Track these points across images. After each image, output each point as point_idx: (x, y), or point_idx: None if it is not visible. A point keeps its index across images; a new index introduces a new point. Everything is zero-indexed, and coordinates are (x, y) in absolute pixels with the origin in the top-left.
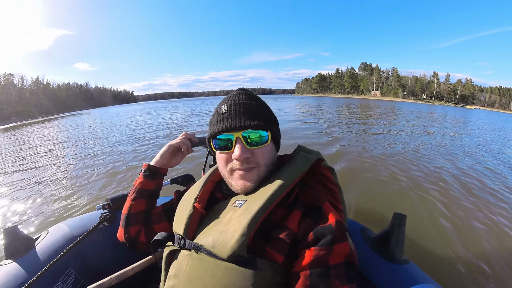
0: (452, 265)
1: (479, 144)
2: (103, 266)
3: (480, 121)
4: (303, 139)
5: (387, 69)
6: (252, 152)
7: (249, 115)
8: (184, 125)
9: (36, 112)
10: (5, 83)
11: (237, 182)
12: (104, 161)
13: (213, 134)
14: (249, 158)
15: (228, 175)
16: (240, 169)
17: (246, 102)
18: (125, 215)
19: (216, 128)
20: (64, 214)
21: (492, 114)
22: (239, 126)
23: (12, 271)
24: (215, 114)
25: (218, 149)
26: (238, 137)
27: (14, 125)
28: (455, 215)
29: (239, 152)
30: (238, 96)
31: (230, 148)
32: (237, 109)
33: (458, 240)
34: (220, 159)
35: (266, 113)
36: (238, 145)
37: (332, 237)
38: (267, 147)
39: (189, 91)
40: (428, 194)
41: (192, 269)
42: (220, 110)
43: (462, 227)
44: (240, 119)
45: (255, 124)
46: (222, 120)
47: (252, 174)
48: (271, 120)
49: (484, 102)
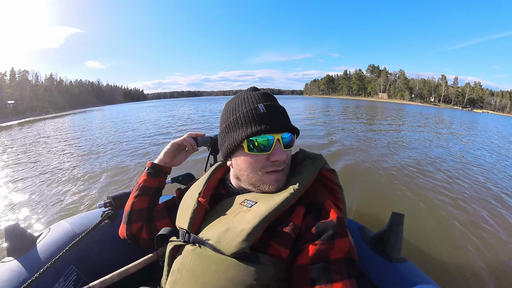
0: (449, 264)
1: (480, 144)
2: (104, 264)
3: (486, 124)
4: (307, 139)
5: (395, 71)
6: (287, 154)
7: (284, 117)
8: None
9: (50, 108)
10: (20, 79)
11: (272, 182)
12: (110, 158)
13: (251, 133)
14: (285, 160)
15: (260, 175)
16: (276, 170)
17: (277, 104)
18: (127, 212)
19: (256, 129)
20: (66, 212)
21: (501, 118)
22: (280, 127)
23: (14, 269)
24: (248, 113)
25: (255, 150)
26: (278, 139)
27: (29, 119)
28: (453, 216)
29: (281, 154)
30: (267, 97)
31: (267, 149)
32: (275, 110)
33: (455, 240)
34: (254, 161)
35: (288, 116)
36: (278, 146)
37: (333, 232)
38: (291, 150)
39: (198, 90)
40: (426, 194)
41: (195, 264)
42: (256, 109)
43: (459, 228)
44: (280, 121)
45: (289, 127)
46: (262, 120)
47: (283, 174)
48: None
49: (495, 106)
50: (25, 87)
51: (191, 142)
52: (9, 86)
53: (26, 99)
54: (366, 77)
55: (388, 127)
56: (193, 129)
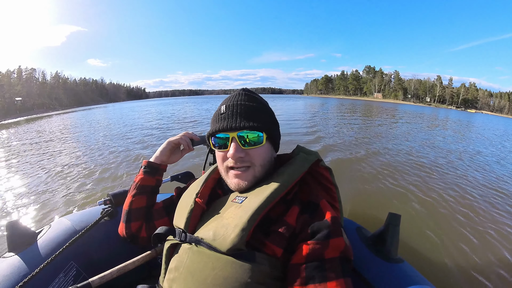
0: (445, 265)
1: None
2: (104, 260)
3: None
4: (297, 136)
5: (390, 72)
6: (247, 152)
7: (246, 116)
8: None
9: (57, 105)
10: (27, 77)
11: (232, 180)
12: (111, 157)
13: (211, 132)
14: (243, 158)
15: (224, 172)
16: (235, 167)
17: (244, 103)
18: (126, 210)
19: (215, 127)
20: (66, 209)
21: (493, 118)
22: (234, 126)
23: (14, 264)
24: (215, 113)
25: (217, 147)
26: (233, 137)
27: (37, 116)
28: (450, 216)
29: (233, 151)
30: (238, 97)
31: (227, 146)
32: (234, 110)
33: (452, 241)
34: (218, 156)
35: (264, 115)
36: (233, 144)
37: (328, 232)
38: (262, 148)
39: (200, 89)
40: (423, 195)
41: (192, 262)
42: (220, 110)
43: (456, 228)
44: (236, 120)
45: (250, 125)
46: (220, 120)
47: (247, 174)
48: (269, 121)
49: (493, 107)
50: (32, 85)
51: (187, 141)
52: (17, 83)
53: (33, 96)
54: (362, 77)
55: (384, 129)
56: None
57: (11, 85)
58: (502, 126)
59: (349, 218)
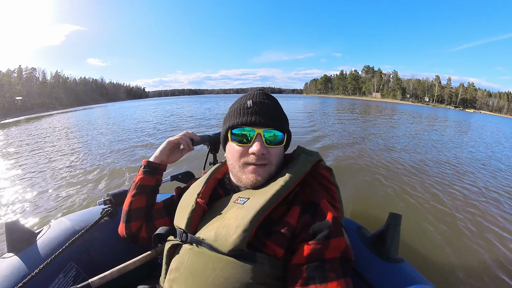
0: (445, 265)
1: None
2: (104, 260)
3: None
4: (297, 136)
5: (388, 71)
6: (268, 150)
7: (272, 115)
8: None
9: (57, 104)
10: (27, 76)
11: (249, 175)
12: (112, 156)
13: (234, 125)
14: (264, 155)
15: (239, 168)
16: (255, 164)
17: (269, 102)
18: (126, 211)
19: (240, 120)
20: (66, 209)
21: (491, 117)
22: (263, 123)
23: (14, 264)
24: (237, 107)
25: (236, 141)
26: (259, 133)
27: (38, 115)
28: (450, 216)
29: (258, 148)
30: (262, 95)
31: (247, 142)
32: (263, 107)
33: (452, 241)
34: (235, 151)
35: (283, 116)
36: (258, 141)
37: (329, 232)
38: (280, 148)
39: (199, 89)
40: (423, 195)
41: (193, 263)
42: (245, 104)
43: (457, 228)
44: (264, 117)
45: (276, 125)
46: (247, 114)
47: (264, 171)
48: (287, 123)
49: (492, 107)
50: (32, 84)
51: (187, 140)
52: (18, 83)
53: (34, 96)
54: (361, 77)
55: (385, 129)
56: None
57: (12, 84)
58: (504, 126)
59: (350, 218)
